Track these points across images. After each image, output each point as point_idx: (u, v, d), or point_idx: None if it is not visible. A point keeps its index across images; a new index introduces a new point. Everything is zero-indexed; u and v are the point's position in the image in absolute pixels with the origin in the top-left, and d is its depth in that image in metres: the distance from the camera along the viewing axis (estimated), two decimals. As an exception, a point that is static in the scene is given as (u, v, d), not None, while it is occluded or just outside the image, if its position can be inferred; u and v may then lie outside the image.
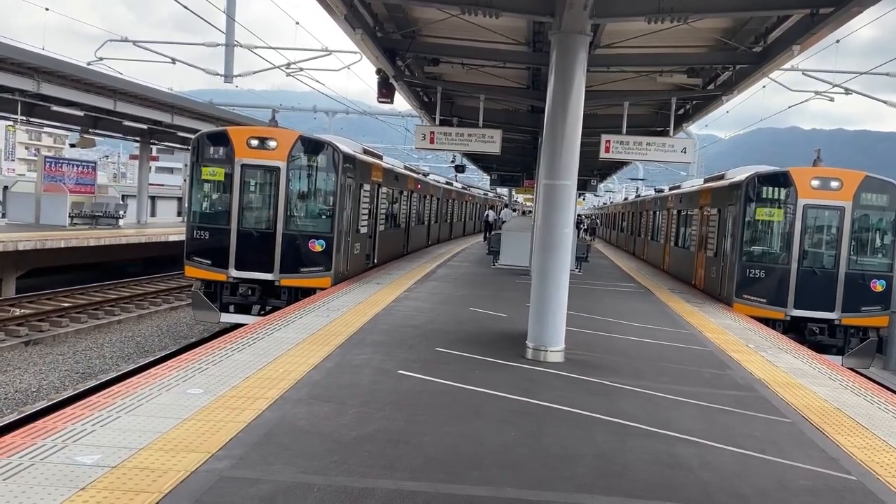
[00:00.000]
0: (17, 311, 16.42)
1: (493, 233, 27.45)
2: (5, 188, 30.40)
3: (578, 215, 51.76)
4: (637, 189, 53.14)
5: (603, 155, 14.29)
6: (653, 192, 33.57)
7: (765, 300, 14.59)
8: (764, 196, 14.72)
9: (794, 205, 14.47)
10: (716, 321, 13.23)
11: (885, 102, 22.34)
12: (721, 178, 18.61)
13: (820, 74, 21.67)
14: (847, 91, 21.80)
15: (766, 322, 13.99)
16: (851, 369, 11.60)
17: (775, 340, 11.79)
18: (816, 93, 22.59)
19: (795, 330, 14.27)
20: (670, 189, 27.46)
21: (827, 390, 8.48)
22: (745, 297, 14.74)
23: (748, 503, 4.99)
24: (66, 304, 17.82)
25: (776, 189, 14.70)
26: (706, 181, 20.61)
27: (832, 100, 22.64)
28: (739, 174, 16.57)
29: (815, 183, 14.43)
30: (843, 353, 14.23)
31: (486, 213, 41.01)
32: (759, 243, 15.03)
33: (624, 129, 14.65)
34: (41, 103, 21.89)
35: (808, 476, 5.60)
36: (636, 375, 8.56)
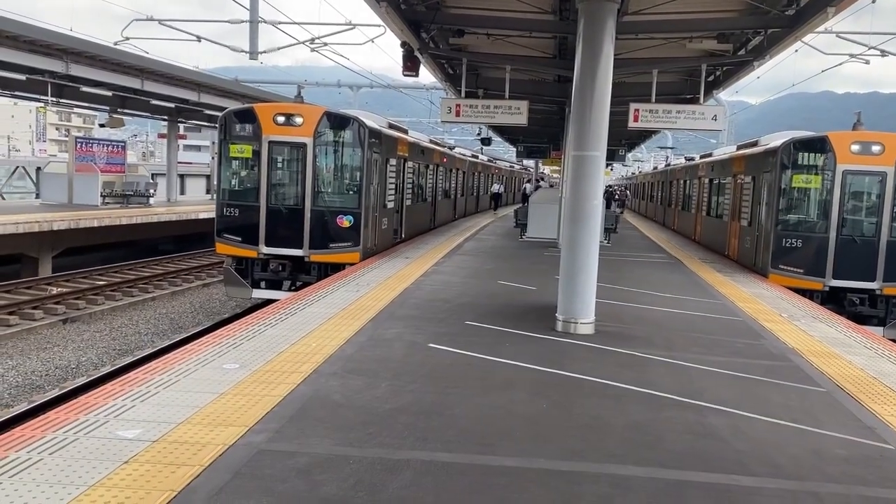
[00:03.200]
0: (55, 290, 16.78)
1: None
2: (38, 169, 30.89)
3: (608, 186, 50.94)
4: (667, 158, 51.88)
5: (632, 124, 14.12)
6: (683, 161, 32.89)
7: (802, 270, 14.21)
8: (801, 162, 14.30)
9: (832, 171, 14.00)
10: (748, 290, 13.08)
11: (922, 64, 21.72)
12: (754, 144, 18.08)
13: (855, 36, 21.09)
14: (883, 53, 21.21)
15: (804, 293, 13.58)
16: (893, 340, 11.36)
17: (809, 309, 11.64)
18: (851, 55, 22.03)
19: (834, 301, 13.90)
20: (701, 157, 26.85)
21: (863, 359, 8.38)
22: (782, 267, 14.37)
23: (783, 472, 4.97)
24: (101, 283, 18.15)
25: (814, 155, 14.27)
26: (739, 148, 20.03)
27: (867, 62, 22.07)
28: (774, 140, 16.08)
29: (854, 148, 13.92)
30: (885, 325, 13.86)
31: (524, 186, 40.90)
32: (795, 212, 14.64)
33: (653, 98, 14.44)
34: (70, 84, 22.12)
35: (843, 445, 5.55)
36: (667, 346, 8.53)
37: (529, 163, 53.61)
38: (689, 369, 7.56)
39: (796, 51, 20.71)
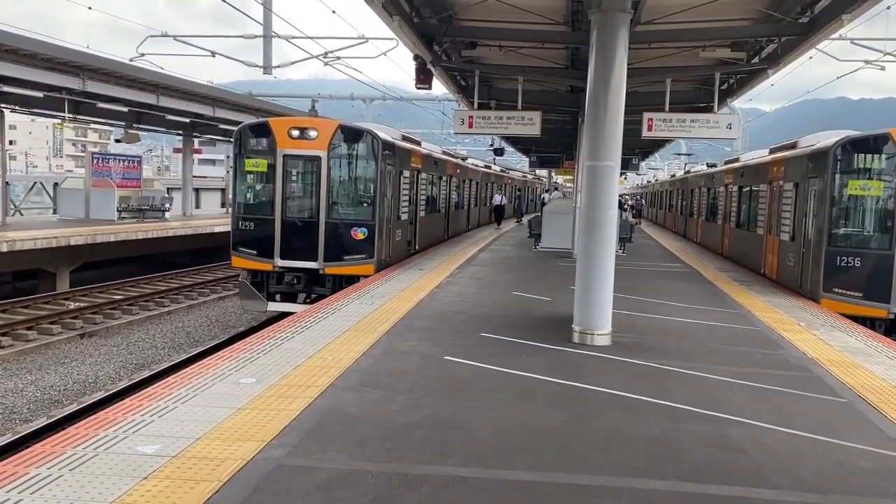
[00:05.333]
0: (72, 305, 16.91)
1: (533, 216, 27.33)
2: (55, 185, 31.18)
3: (621, 195, 50.24)
4: (685, 165, 50.43)
5: (646, 133, 14.08)
6: (704, 168, 30.67)
7: (861, 294, 12.21)
8: (857, 165, 12.38)
9: None
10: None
11: (939, 69, 21.53)
12: (793, 146, 16.00)
13: (870, 42, 20.96)
14: (899, 59, 21.04)
15: (864, 321, 11.75)
16: None
17: (828, 318, 11.51)
18: (867, 62, 21.87)
19: None
20: (727, 163, 24.75)
21: (883, 369, 8.28)
22: (836, 290, 12.39)
23: (806, 485, 4.91)
24: (118, 297, 18.28)
25: (873, 156, 12.35)
26: (773, 151, 18.05)
27: (883, 68, 21.91)
28: (820, 140, 14.14)
29: None
30: None
31: (542, 195, 40.84)
32: (852, 224, 12.64)
33: (667, 107, 14.40)
34: (87, 100, 22.39)
35: (866, 457, 5.48)
36: (685, 357, 8.46)
37: (542, 172, 53.55)
38: (707, 380, 7.50)
39: (811, 58, 20.63)
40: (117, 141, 31.59)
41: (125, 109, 24.15)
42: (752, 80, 16.04)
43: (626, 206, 42.36)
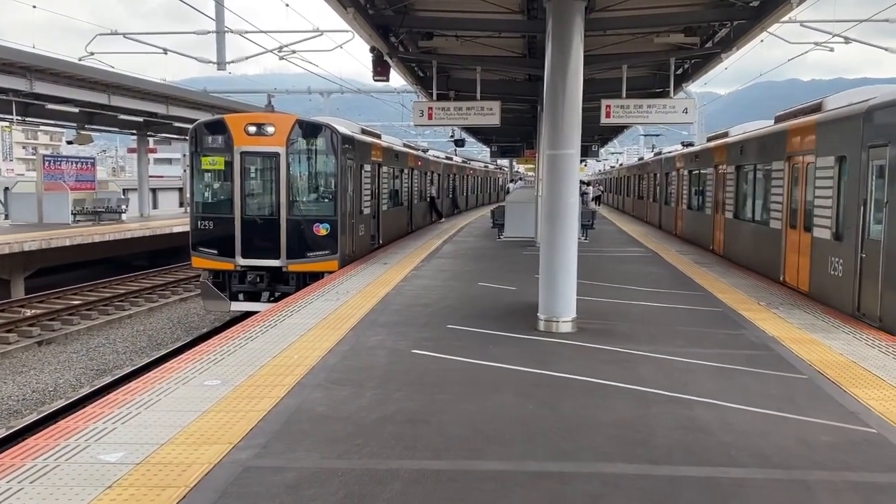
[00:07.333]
0: (28, 312, 16.48)
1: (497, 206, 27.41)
2: (6, 189, 30.35)
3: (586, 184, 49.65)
4: (652, 147, 48.41)
5: (604, 120, 14.14)
6: (680, 148, 26.67)
7: None
8: None
9: None
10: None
11: (885, 49, 22.07)
12: (818, 108, 12.07)
13: (818, 25, 21.38)
14: (847, 40, 21.52)
15: None
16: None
17: (787, 297, 11.73)
18: (816, 44, 22.32)
19: None
20: (711, 139, 20.73)
21: (841, 343, 8.47)
22: None
23: (771, 462, 4.99)
24: (77, 302, 17.87)
25: None
26: (779, 119, 14.17)
27: (832, 50, 22.38)
28: (855, 97, 10.90)
29: None
30: None
31: (507, 185, 40.96)
32: None
33: (624, 93, 14.48)
34: (35, 102, 21.79)
35: (828, 431, 5.60)
36: (650, 341, 8.55)
37: (504, 162, 53.74)
38: (672, 363, 7.59)
39: (762, 41, 20.95)
40: (69, 143, 30.85)
41: (76, 110, 23.57)
42: (707, 65, 16.22)
43: (586, 195, 42.08)
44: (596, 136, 33.89)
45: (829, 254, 10.77)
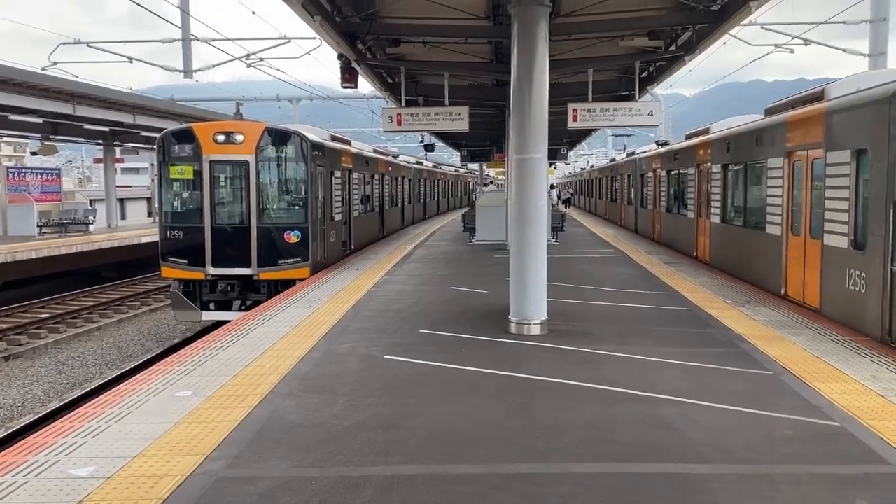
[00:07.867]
0: (-6, 327, 16.19)
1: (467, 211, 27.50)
2: (-31, 202, 29.77)
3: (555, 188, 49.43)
4: (624, 147, 45.46)
5: (571, 124, 14.30)
6: (655, 147, 25.08)
7: None
8: None
9: None
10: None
11: (843, 51, 22.58)
12: (818, 97, 10.75)
13: (779, 27, 21.83)
14: (806, 42, 22.00)
15: None
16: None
17: (753, 295, 11.95)
18: (776, 46, 22.79)
19: None
20: (690, 136, 19.21)
21: (804, 339, 8.66)
22: None
23: (737, 457, 5.11)
24: (44, 315, 17.59)
25: None
26: (769, 112, 12.94)
27: (792, 51, 22.86)
28: (864, 82, 9.51)
29: None
30: None
31: (478, 189, 41.14)
32: None
33: (590, 97, 14.66)
34: (-3, 113, 21.42)
35: (792, 426, 5.73)
36: (620, 341, 8.67)
37: (474, 166, 53.91)
38: (641, 362, 7.71)
39: (724, 43, 21.29)
40: (33, 153, 30.37)
41: (40, 121, 23.19)
42: (671, 68, 16.47)
43: (555, 198, 42.04)
44: (564, 139, 34.16)
45: (846, 265, 9.18)
